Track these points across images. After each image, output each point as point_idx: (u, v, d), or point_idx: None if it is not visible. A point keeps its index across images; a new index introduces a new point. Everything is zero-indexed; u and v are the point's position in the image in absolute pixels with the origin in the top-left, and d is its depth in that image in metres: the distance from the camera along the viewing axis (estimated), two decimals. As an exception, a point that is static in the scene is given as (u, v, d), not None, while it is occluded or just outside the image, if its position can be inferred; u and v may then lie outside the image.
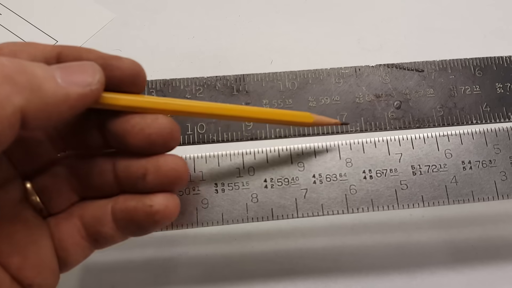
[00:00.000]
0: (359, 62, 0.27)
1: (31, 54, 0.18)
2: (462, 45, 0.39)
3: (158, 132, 0.19)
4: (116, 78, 0.19)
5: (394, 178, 0.24)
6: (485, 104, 0.25)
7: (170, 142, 0.20)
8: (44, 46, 0.19)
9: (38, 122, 0.16)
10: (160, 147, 0.20)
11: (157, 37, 0.39)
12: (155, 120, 0.19)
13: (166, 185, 0.20)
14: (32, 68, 0.16)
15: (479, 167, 0.24)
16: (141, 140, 0.19)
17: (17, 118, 0.15)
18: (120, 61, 0.19)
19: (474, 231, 0.31)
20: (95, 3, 0.41)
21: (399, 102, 0.25)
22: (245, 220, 0.23)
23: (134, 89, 0.20)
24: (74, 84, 0.17)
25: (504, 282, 0.29)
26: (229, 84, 0.26)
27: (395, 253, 0.30)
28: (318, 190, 0.24)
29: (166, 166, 0.20)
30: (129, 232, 0.21)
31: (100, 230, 0.20)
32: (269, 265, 0.30)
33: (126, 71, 0.19)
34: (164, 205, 0.20)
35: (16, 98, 0.15)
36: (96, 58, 0.19)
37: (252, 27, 0.40)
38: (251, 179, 0.24)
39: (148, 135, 0.19)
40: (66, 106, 0.17)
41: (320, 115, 0.24)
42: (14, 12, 0.40)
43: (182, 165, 0.20)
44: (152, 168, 0.20)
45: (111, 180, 0.21)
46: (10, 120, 0.15)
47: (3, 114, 0.15)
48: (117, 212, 0.20)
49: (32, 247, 0.20)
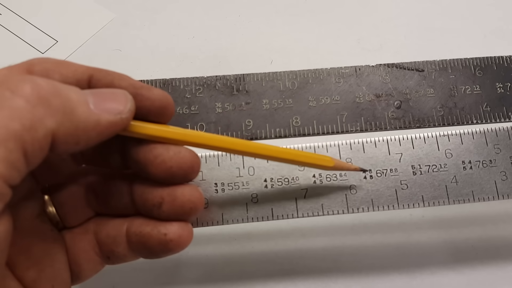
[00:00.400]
0: (359, 62, 0.27)
1: (63, 75, 0.18)
2: (462, 45, 0.39)
3: (180, 165, 0.19)
4: (145, 108, 0.19)
5: (394, 178, 0.24)
6: (485, 104, 0.25)
7: (190, 175, 0.20)
8: (77, 67, 0.19)
9: (66, 147, 0.16)
10: (179, 179, 0.20)
11: (157, 37, 0.39)
12: (178, 154, 0.19)
13: (180, 215, 0.20)
14: (66, 91, 0.16)
15: (479, 167, 0.24)
16: (162, 171, 0.19)
17: (48, 142, 0.16)
18: (151, 92, 0.19)
19: (474, 231, 0.31)
20: (95, 3, 0.41)
21: (399, 102, 0.25)
22: (245, 220, 0.23)
23: (161, 119, 0.20)
24: (106, 111, 0.17)
25: (504, 282, 0.29)
26: (229, 83, 0.26)
27: (395, 253, 0.30)
28: (318, 190, 0.24)
29: (182, 197, 0.20)
30: (141, 255, 0.21)
31: (114, 249, 0.21)
32: (269, 265, 0.30)
33: (156, 102, 0.19)
34: (178, 235, 0.20)
35: (49, 121, 0.15)
36: (127, 86, 0.19)
37: (252, 27, 0.40)
38: (251, 179, 0.24)
39: (169, 167, 0.19)
40: (95, 132, 0.17)
41: (320, 115, 0.24)
42: (14, 12, 0.40)
43: (198, 196, 0.20)
44: (169, 198, 0.20)
45: (127, 202, 0.21)
46: (41, 143, 0.15)
47: (35, 137, 0.15)
48: (131, 235, 0.20)
49: (47, 261, 0.20)
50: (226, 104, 0.25)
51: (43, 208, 0.21)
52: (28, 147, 0.15)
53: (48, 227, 0.21)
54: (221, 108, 0.25)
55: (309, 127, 0.25)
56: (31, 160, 0.15)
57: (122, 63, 0.38)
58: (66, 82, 0.18)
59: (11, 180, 0.15)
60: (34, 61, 0.18)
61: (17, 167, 0.15)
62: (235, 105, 0.25)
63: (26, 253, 0.19)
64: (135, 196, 0.20)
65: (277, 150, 0.21)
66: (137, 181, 0.21)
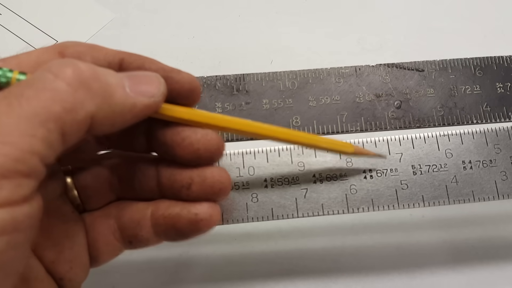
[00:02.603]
0: (359, 61, 0.27)
1: (94, 57, 0.19)
2: (462, 45, 0.39)
3: (206, 147, 0.20)
4: (175, 91, 0.20)
5: (394, 178, 0.24)
6: (485, 103, 0.25)
7: (215, 157, 0.20)
8: (107, 50, 0.19)
9: (103, 128, 0.17)
10: (205, 161, 0.20)
11: (157, 37, 0.39)
12: (205, 136, 0.20)
13: (210, 195, 0.20)
14: (105, 75, 0.17)
15: (479, 167, 0.24)
16: (189, 153, 0.20)
17: (87, 124, 0.16)
18: (180, 75, 0.20)
19: (474, 231, 0.31)
20: (95, 3, 0.41)
21: (400, 102, 0.25)
22: (245, 220, 0.23)
23: (188, 102, 0.20)
24: (141, 94, 0.18)
25: (504, 282, 0.29)
26: (229, 83, 0.26)
27: (395, 253, 0.30)
28: (318, 190, 0.24)
29: (212, 178, 0.20)
30: (168, 237, 0.21)
31: (137, 233, 0.21)
32: (269, 265, 0.30)
33: (185, 85, 0.20)
34: (209, 214, 0.20)
35: (89, 104, 0.16)
36: (157, 69, 0.19)
37: (252, 27, 0.40)
38: (251, 179, 0.24)
39: (196, 149, 0.20)
40: (131, 115, 0.18)
41: (320, 115, 0.24)
42: (14, 12, 0.40)
43: (227, 177, 0.20)
44: (198, 179, 0.20)
45: (153, 185, 0.21)
46: (80, 125, 0.16)
47: (75, 118, 0.16)
48: (158, 218, 0.20)
49: (67, 242, 0.20)
50: (226, 104, 0.25)
51: (65, 190, 0.21)
52: (67, 129, 0.15)
53: (69, 209, 0.21)
54: (221, 108, 0.25)
55: (309, 127, 0.25)
56: (68, 140, 0.16)
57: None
58: (98, 64, 0.18)
59: (46, 158, 0.15)
60: (67, 43, 0.19)
61: (53, 147, 0.15)
62: (235, 105, 0.25)
63: (46, 234, 0.19)
64: (162, 178, 0.20)
65: (301, 135, 0.22)
66: (164, 164, 0.21)
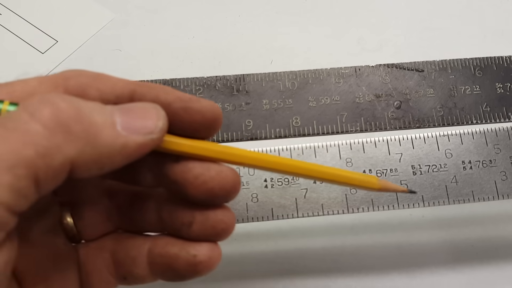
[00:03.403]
0: (359, 62, 0.27)
1: (100, 90, 0.17)
2: (462, 45, 0.39)
3: (222, 186, 0.18)
4: (196, 123, 0.18)
5: (394, 178, 0.24)
6: (485, 104, 0.25)
7: (231, 196, 0.18)
8: (116, 81, 0.17)
9: (89, 172, 0.15)
10: (220, 200, 0.18)
11: (157, 37, 0.39)
12: (220, 173, 0.18)
13: (211, 236, 0.19)
14: (90, 113, 0.15)
15: (479, 167, 0.24)
16: (202, 192, 0.18)
17: (66, 169, 0.15)
18: (200, 104, 0.18)
19: (474, 231, 0.31)
20: (95, 3, 0.41)
21: (399, 102, 0.25)
22: (245, 220, 0.23)
23: (208, 133, 0.18)
24: (135, 132, 0.16)
25: (504, 282, 0.29)
26: (229, 84, 0.26)
27: (395, 253, 0.30)
28: (318, 190, 0.24)
29: (215, 217, 0.18)
30: (164, 277, 0.19)
31: (133, 270, 0.19)
32: (269, 265, 0.30)
33: (207, 114, 0.18)
34: (208, 256, 0.18)
35: (67, 148, 0.14)
36: (174, 100, 0.17)
37: (252, 27, 0.40)
38: (251, 179, 0.24)
39: (210, 188, 0.18)
40: (122, 156, 0.16)
41: (320, 115, 0.24)
42: (14, 12, 0.40)
43: (231, 217, 0.19)
44: (200, 218, 0.18)
45: (153, 218, 0.19)
46: (56, 171, 0.14)
47: (51, 164, 0.14)
48: (155, 256, 0.19)
49: (57, 277, 0.19)
50: (226, 104, 0.25)
51: (60, 220, 0.20)
52: (41, 175, 0.14)
53: (62, 241, 0.20)
54: (221, 108, 0.25)
55: (309, 127, 0.25)
56: (43, 187, 0.14)
57: (122, 63, 0.38)
58: (104, 98, 0.17)
59: (17, 207, 0.14)
60: (69, 73, 0.17)
61: (25, 194, 0.14)
62: (235, 105, 0.25)
63: (35, 268, 0.18)
64: (163, 214, 0.19)
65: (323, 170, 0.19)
66: (166, 197, 0.19)
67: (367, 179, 0.20)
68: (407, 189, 0.21)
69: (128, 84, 0.17)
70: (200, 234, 0.18)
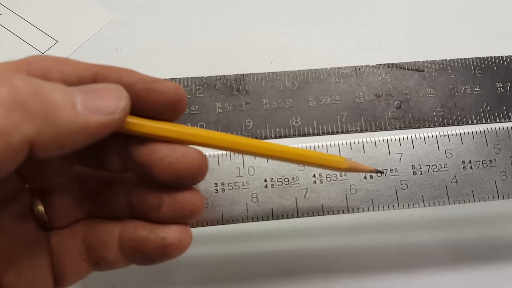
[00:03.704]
0: (359, 62, 0.27)
1: (63, 73, 0.17)
2: (462, 45, 0.39)
3: (188, 168, 0.18)
4: (159, 104, 0.18)
5: (394, 178, 0.24)
6: (485, 104, 0.25)
7: (198, 177, 0.18)
8: (78, 64, 0.18)
9: (48, 152, 0.15)
10: (187, 182, 0.18)
11: (157, 37, 0.39)
12: (185, 155, 0.18)
13: (180, 218, 0.19)
14: (49, 92, 0.15)
15: (479, 167, 0.24)
16: (168, 174, 0.18)
17: (25, 148, 0.14)
18: (163, 85, 0.18)
19: (474, 231, 0.31)
20: (95, 3, 0.41)
21: (399, 102, 0.25)
22: (245, 220, 0.23)
23: (173, 115, 0.18)
24: (96, 112, 0.16)
25: (504, 282, 0.29)
26: (229, 83, 0.26)
27: (395, 253, 0.30)
28: (318, 190, 0.24)
29: (182, 199, 0.18)
30: (135, 261, 0.19)
31: (104, 255, 0.19)
32: (269, 265, 0.30)
33: (170, 95, 0.18)
34: (178, 238, 0.18)
35: (26, 127, 0.14)
36: (137, 81, 0.18)
37: (252, 27, 0.40)
38: (251, 179, 0.24)
39: (176, 170, 0.18)
40: (83, 136, 0.15)
41: (320, 115, 0.24)
42: (14, 12, 0.40)
43: (199, 198, 0.19)
44: (168, 200, 0.18)
45: (122, 203, 0.20)
46: (15, 150, 0.14)
47: (9, 143, 0.14)
48: (125, 240, 0.19)
49: (28, 264, 0.19)
50: (226, 104, 0.25)
51: (30, 207, 0.20)
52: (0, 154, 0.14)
53: (32, 227, 0.19)
54: (221, 108, 0.25)
55: (309, 127, 0.25)
56: (3, 166, 0.14)
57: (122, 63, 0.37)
58: (67, 80, 0.17)
59: None
60: (32, 58, 0.17)
61: None
62: (235, 105, 0.25)
63: (6, 254, 0.18)
64: (132, 197, 0.19)
65: (288, 151, 0.20)
66: (135, 181, 0.19)
67: (335, 158, 0.20)
68: (375, 169, 0.22)
69: (91, 67, 0.18)
70: (169, 216, 0.19)
